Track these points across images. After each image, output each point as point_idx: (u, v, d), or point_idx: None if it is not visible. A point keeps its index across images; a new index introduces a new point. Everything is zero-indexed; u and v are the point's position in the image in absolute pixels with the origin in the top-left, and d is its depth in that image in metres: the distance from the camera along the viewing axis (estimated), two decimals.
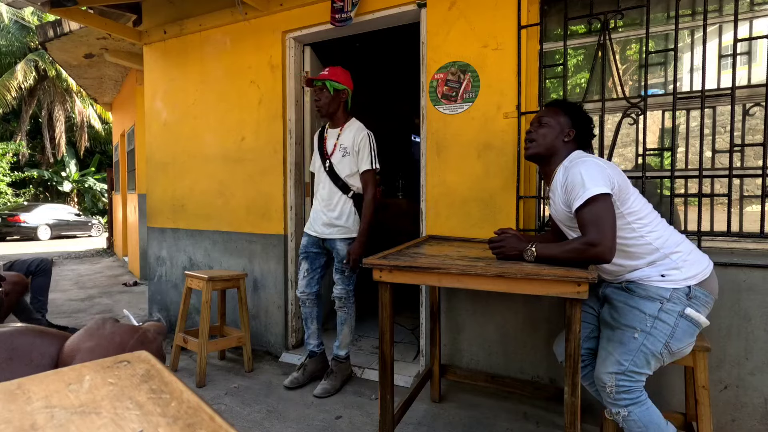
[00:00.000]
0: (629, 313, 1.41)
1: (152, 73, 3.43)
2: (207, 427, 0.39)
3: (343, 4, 2.55)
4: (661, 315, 1.36)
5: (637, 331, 1.37)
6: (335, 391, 2.35)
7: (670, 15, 2.04)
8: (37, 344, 0.67)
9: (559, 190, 1.49)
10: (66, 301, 4.63)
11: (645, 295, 1.40)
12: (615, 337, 1.42)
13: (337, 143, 2.39)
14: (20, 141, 15.81)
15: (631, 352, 1.37)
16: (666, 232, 1.46)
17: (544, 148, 1.58)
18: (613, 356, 1.40)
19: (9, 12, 14.68)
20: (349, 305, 2.41)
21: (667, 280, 1.39)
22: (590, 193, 1.34)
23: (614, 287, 1.54)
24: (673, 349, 1.36)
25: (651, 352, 1.36)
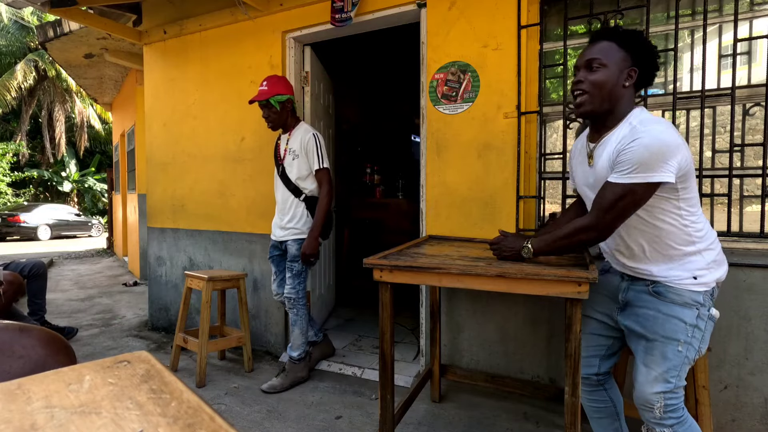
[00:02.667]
0: (668, 323, 1.25)
1: (152, 73, 3.43)
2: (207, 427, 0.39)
3: (343, 4, 2.55)
4: (699, 322, 1.25)
5: (680, 344, 1.24)
6: (282, 389, 2.38)
7: (670, 15, 2.04)
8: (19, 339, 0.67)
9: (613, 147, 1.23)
10: (66, 301, 4.63)
11: (681, 302, 1.25)
12: (655, 350, 1.27)
13: (287, 148, 2.45)
14: (20, 141, 15.81)
15: (677, 367, 1.24)
16: (707, 224, 1.31)
17: (601, 100, 1.25)
18: (656, 372, 1.26)
19: (9, 12, 14.68)
20: (298, 306, 2.43)
21: (699, 283, 1.26)
22: (642, 179, 1.15)
23: (638, 290, 1.35)
24: (702, 352, 1.28)
25: (691, 360, 1.27)
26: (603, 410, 1.49)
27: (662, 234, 1.26)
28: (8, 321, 0.73)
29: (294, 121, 2.50)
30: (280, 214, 2.50)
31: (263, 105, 2.40)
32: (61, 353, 0.70)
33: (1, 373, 0.60)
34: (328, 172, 2.42)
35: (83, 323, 3.75)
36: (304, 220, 2.43)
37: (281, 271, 2.55)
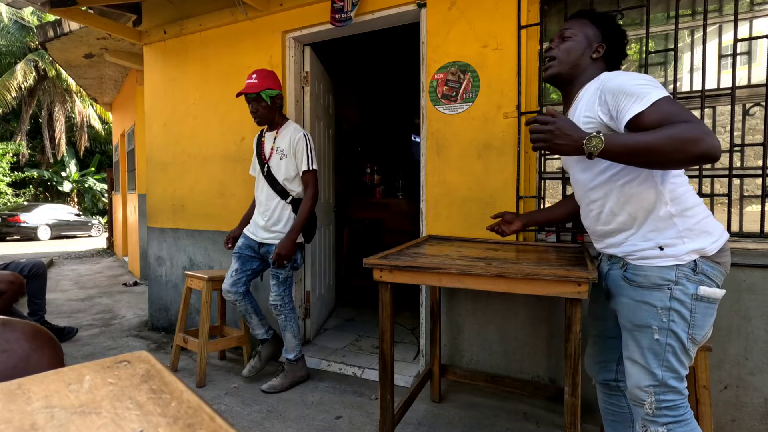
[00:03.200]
0: (638, 310, 1.18)
1: (152, 73, 3.43)
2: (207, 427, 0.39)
3: (343, 4, 2.55)
4: (674, 304, 1.13)
5: (655, 331, 1.15)
6: (282, 389, 2.38)
7: (670, 15, 2.04)
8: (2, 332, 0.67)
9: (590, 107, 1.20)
10: (66, 301, 4.63)
11: (648, 284, 1.16)
12: (633, 342, 1.20)
13: (274, 146, 2.37)
14: (20, 141, 15.81)
15: (658, 356, 1.15)
16: (688, 188, 1.19)
17: (568, 66, 1.30)
18: (640, 365, 1.18)
19: (9, 12, 14.68)
20: (286, 312, 2.41)
21: (666, 255, 1.14)
22: (656, 95, 1.05)
23: (614, 276, 1.28)
24: (697, 339, 1.15)
25: (680, 349, 1.14)
26: (618, 414, 1.43)
27: (626, 190, 1.18)
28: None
29: (281, 119, 2.43)
30: (264, 216, 2.39)
31: (252, 99, 2.30)
32: (47, 347, 0.69)
33: None
34: (315, 175, 2.36)
35: (83, 323, 3.75)
36: (291, 223, 2.36)
37: (244, 270, 2.40)
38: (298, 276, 2.95)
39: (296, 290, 2.94)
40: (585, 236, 2.15)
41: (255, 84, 2.27)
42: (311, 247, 3.03)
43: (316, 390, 2.40)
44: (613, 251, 1.27)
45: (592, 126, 1.17)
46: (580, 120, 1.21)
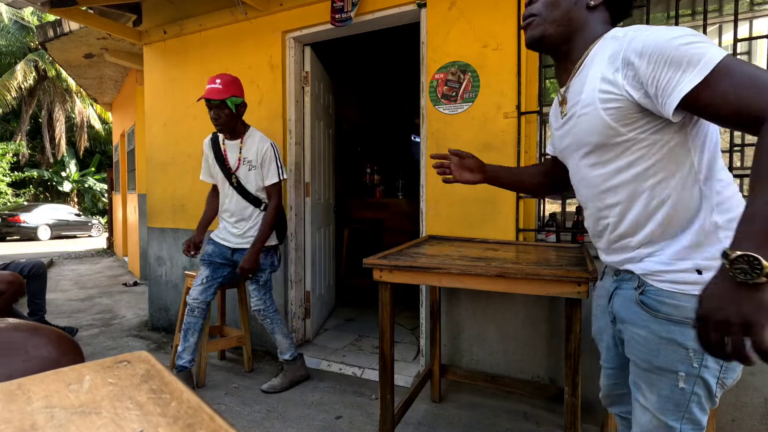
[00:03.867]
0: (661, 350, 0.87)
1: (152, 73, 3.43)
2: (207, 427, 0.39)
3: (343, 4, 2.55)
4: None
5: (681, 378, 0.86)
6: (282, 388, 2.37)
7: (670, 15, 2.04)
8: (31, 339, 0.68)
9: (606, 77, 0.85)
10: (66, 301, 4.63)
11: (679, 317, 0.84)
12: (648, 386, 0.92)
13: (240, 157, 2.30)
14: (20, 141, 15.82)
15: (680, 407, 0.88)
16: (734, 185, 0.87)
17: (556, 23, 0.94)
18: (652, 415, 0.91)
19: (9, 12, 14.68)
20: (270, 315, 2.39)
21: (710, 265, 0.82)
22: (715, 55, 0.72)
23: (624, 298, 0.96)
24: (727, 383, 0.87)
25: (705, 397, 0.87)
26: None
27: (659, 192, 0.86)
28: (20, 320, 0.73)
29: (243, 127, 2.35)
30: (237, 225, 2.36)
31: (215, 105, 2.18)
32: (72, 352, 0.71)
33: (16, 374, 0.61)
34: (280, 186, 2.35)
35: (83, 323, 3.75)
36: None
37: (215, 278, 2.35)
38: (298, 276, 2.95)
39: (296, 290, 2.94)
40: (585, 236, 2.15)
41: (220, 90, 2.18)
42: (311, 247, 3.03)
43: (316, 390, 2.40)
44: (630, 267, 0.94)
45: (614, 106, 0.84)
46: (593, 96, 0.87)
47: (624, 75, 0.82)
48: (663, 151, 0.83)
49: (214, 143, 2.38)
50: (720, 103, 0.72)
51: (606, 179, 0.92)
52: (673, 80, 0.75)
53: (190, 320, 2.32)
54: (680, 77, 0.74)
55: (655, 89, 0.78)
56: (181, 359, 2.34)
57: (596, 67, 0.88)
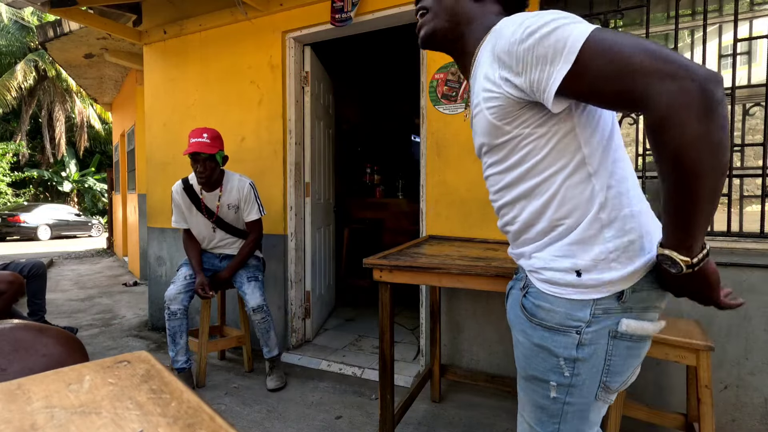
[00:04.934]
0: (533, 357, 0.84)
1: (152, 73, 3.43)
2: (207, 427, 0.39)
3: (343, 4, 2.55)
4: (581, 352, 0.78)
5: (552, 387, 0.82)
6: (284, 384, 2.42)
7: (670, 15, 2.04)
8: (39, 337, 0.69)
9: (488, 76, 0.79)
10: (66, 301, 4.63)
11: (551, 324, 0.80)
12: (524, 393, 0.89)
13: (219, 204, 2.43)
14: (20, 141, 15.82)
15: (554, 418, 0.83)
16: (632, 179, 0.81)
17: (443, 19, 0.89)
18: (532, 426, 0.88)
19: (9, 12, 14.68)
20: (267, 312, 2.43)
21: (584, 285, 0.77)
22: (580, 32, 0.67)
23: (514, 300, 0.92)
24: (612, 387, 0.81)
25: (583, 403, 0.82)
26: None
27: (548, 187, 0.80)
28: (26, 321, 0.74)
29: (220, 175, 2.44)
30: (227, 246, 2.55)
31: (204, 158, 2.25)
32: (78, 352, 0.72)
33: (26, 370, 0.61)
34: (261, 222, 2.51)
35: (83, 323, 3.74)
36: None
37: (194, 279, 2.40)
38: (298, 276, 2.95)
39: (296, 290, 2.94)
40: None
41: (209, 144, 2.25)
42: (311, 247, 3.03)
43: (316, 390, 2.40)
44: (521, 262, 0.90)
45: (495, 104, 0.79)
46: (480, 97, 0.82)
47: (500, 72, 0.77)
48: (551, 143, 0.78)
49: (188, 192, 2.41)
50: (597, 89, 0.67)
51: (501, 178, 0.88)
52: (544, 74, 0.70)
53: (173, 324, 2.35)
54: (550, 70, 0.69)
55: (529, 85, 0.73)
56: (177, 362, 2.36)
57: (482, 66, 0.82)
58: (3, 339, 0.65)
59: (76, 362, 0.67)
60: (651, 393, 1.96)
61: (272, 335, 2.48)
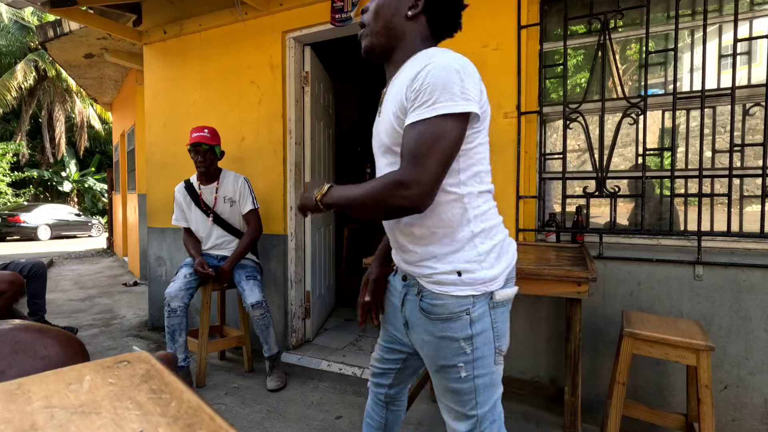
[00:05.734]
0: (440, 348, 0.98)
1: (152, 73, 3.43)
2: (207, 427, 0.39)
3: (343, 4, 2.55)
4: (475, 328, 0.95)
5: (461, 368, 0.96)
6: (285, 384, 2.43)
7: (670, 15, 2.04)
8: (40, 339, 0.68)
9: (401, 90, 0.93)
10: (66, 301, 4.63)
11: (446, 315, 0.96)
12: (442, 385, 1.02)
13: (217, 196, 2.55)
14: (20, 141, 15.82)
15: (467, 394, 0.98)
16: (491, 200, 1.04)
17: (379, 33, 1.01)
18: (455, 411, 1.01)
19: (9, 12, 14.69)
20: (266, 308, 2.45)
21: (464, 283, 0.95)
22: (446, 109, 0.85)
23: (412, 304, 1.04)
24: (503, 349, 1.00)
25: (489, 372, 0.98)
26: (376, 421, 1.28)
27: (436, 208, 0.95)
28: (28, 321, 0.74)
29: (218, 171, 2.60)
30: (225, 246, 2.59)
31: (205, 150, 2.45)
32: (79, 354, 0.72)
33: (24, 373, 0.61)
34: (258, 213, 2.60)
35: (83, 323, 3.75)
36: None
37: (194, 277, 2.44)
38: (298, 276, 2.95)
39: (296, 290, 2.94)
40: (585, 236, 2.15)
41: (209, 137, 2.47)
42: (311, 247, 3.03)
43: (316, 390, 2.40)
44: (409, 269, 1.04)
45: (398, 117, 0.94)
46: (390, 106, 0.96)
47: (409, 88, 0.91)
48: None
49: (189, 189, 2.60)
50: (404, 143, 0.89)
51: None
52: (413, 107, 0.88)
53: (173, 321, 2.36)
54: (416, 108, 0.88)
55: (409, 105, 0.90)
56: (178, 360, 2.35)
57: (399, 79, 0.96)
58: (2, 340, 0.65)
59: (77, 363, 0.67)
60: (651, 393, 1.96)
61: (272, 332, 2.48)
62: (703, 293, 1.87)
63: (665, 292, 1.93)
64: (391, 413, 1.27)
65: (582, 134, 2.19)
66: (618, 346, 1.59)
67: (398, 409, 1.29)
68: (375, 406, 1.28)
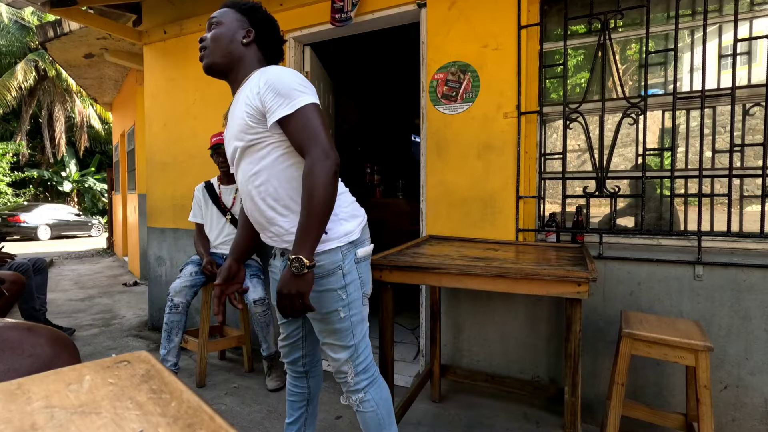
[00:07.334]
0: (322, 300, 1.23)
1: (152, 73, 3.43)
2: (207, 427, 0.39)
3: (343, 4, 2.55)
4: (347, 279, 1.23)
5: (339, 311, 1.24)
6: (284, 382, 2.42)
7: (670, 15, 2.04)
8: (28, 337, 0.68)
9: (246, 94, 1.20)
10: (66, 301, 4.62)
11: (324, 273, 1.21)
12: (325, 327, 1.27)
13: (236, 197, 2.64)
14: (20, 141, 15.81)
15: (346, 330, 1.26)
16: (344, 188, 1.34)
17: (220, 54, 1.26)
18: (337, 345, 1.27)
19: (9, 12, 14.68)
20: (268, 306, 2.48)
21: (330, 239, 1.21)
22: (305, 101, 1.13)
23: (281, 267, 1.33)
24: (368, 293, 1.32)
25: (359, 312, 1.28)
26: (298, 394, 1.49)
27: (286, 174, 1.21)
28: (16, 320, 0.74)
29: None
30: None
31: (224, 151, 2.53)
32: (66, 352, 0.71)
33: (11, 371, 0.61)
34: None
35: (83, 323, 3.75)
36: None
37: (198, 276, 2.49)
38: None
39: None
40: (585, 236, 2.15)
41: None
42: None
43: None
44: (284, 245, 1.28)
45: (251, 116, 1.17)
46: (241, 111, 1.20)
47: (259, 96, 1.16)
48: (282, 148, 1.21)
49: (208, 189, 2.70)
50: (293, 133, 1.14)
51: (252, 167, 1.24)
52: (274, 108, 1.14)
53: (173, 318, 2.37)
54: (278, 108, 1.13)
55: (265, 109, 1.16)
56: (167, 362, 2.35)
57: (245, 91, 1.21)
58: None
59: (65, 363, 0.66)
60: (651, 393, 1.96)
61: (272, 331, 2.50)
62: (703, 293, 1.87)
63: (665, 292, 1.93)
64: (311, 380, 1.48)
65: (582, 134, 2.19)
66: (617, 347, 1.59)
67: (317, 375, 1.50)
68: (295, 380, 1.48)
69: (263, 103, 1.15)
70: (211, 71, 1.29)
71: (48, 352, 0.68)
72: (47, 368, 0.64)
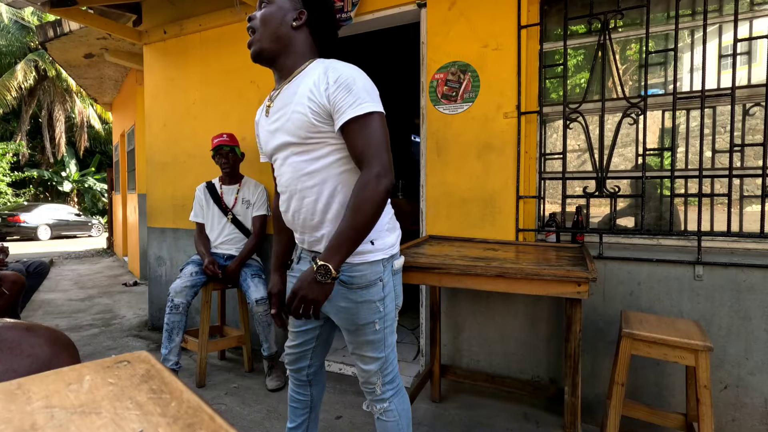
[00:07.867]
0: (360, 311, 1.18)
1: (152, 73, 3.43)
2: (207, 427, 0.39)
3: (343, 4, 2.55)
4: (385, 291, 1.20)
5: (376, 323, 1.20)
6: (284, 382, 2.43)
7: (670, 15, 2.04)
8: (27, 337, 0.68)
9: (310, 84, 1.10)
10: (66, 301, 4.63)
11: (366, 283, 1.16)
12: (359, 339, 1.23)
13: (237, 197, 2.67)
14: (20, 141, 15.81)
15: (380, 342, 1.23)
16: None
17: (269, 39, 1.16)
18: (369, 357, 1.24)
19: (9, 12, 14.68)
20: (269, 306, 2.45)
21: (377, 249, 1.17)
22: (375, 108, 1.07)
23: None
24: (400, 304, 1.28)
25: (392, 323, 1.26)
26: (301, 402, 1.44)
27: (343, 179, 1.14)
28: (15, 320, 0.73)
29: (239, 175, 2.74)
30: (233, 243, 2.65)
31: (227, 151, 2.59)
32: (65, 352, 0.71)
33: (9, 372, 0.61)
34: (265, 220, 2.70)
35: (83, 323, 3.75)
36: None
37: (199, 275, 2.47)
38: None
39: None
40: (585, 236, 2.15)
41: (228, 140, 2.62)
42: None
43: None
44: (316, 247, 1.21)
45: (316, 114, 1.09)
46: (302, 106, 1.10)
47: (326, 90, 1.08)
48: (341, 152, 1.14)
49: (210, 189, 2.71)
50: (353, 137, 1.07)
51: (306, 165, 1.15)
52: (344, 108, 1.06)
53: (174, 318, 2.37)
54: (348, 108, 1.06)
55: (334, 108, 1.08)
56: (168, 361, 2.35)
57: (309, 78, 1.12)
58: None
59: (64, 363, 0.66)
60: (651, 393, 1.96)
61: (272, 331, 2.51)
62: (703, 293, 1.87)
63: (665, 292, 1.93)
64: (315, 388, 1.44)
65: (582, 134, 2.19)
66: (617, 347, 1.59)
67: (321, 383, 1.46)
68: (298, 388, 1.43)
69: (331, 101, 1.06)
70: (259, 59, 1.19)
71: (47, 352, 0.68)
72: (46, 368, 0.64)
